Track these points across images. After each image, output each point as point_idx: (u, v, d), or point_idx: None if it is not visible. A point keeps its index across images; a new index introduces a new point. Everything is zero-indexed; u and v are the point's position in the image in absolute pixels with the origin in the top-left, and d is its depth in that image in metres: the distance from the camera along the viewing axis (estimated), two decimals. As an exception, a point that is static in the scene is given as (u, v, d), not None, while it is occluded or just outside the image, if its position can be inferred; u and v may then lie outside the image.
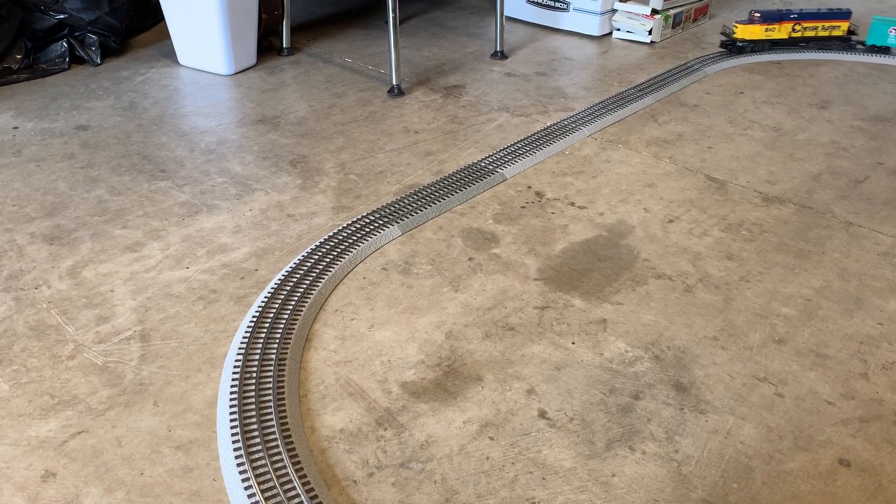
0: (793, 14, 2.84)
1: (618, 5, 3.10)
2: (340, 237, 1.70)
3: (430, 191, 1.91)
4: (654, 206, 1.91)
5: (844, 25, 2.91)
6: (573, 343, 1.45)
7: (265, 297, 1.50)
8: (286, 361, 1.35)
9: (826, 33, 2.91)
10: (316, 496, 1.10)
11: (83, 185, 1.93)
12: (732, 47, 2.86)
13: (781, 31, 2.85)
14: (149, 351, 1.39)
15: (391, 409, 1.29)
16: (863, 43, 2.94)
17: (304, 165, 2.06)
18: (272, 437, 1.19)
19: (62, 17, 2.57)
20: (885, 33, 2.86)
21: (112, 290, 1.55)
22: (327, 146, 2.17)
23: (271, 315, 1.44)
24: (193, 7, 2.53)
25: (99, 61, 2.66)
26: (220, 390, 1.30)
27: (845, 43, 2.95)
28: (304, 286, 1.53)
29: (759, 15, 2.81)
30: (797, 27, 2.86)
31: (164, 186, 1.93)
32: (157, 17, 2.93)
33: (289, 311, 1.46)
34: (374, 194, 1.93)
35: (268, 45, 2.87)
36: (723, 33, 2.93)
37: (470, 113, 2.40)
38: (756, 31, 2.82)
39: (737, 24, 2.85)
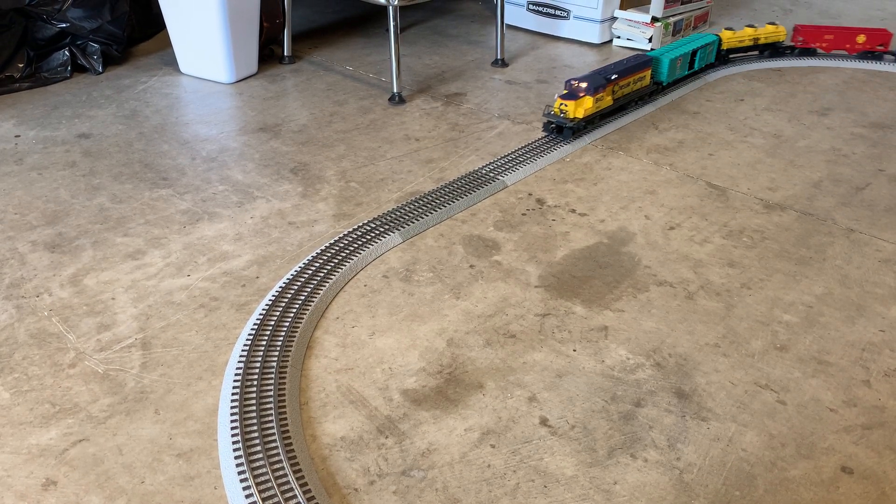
0: (612, 74, 2.30)
1: (618, 13, 3.11)
2: (341, 244, 1.70)
3: (431, 198, 1.91)
4: (655, 214, 1.91)
5: (648, 74, 2.47)
6: (574, 350, 1.44)
7: (266, 305, 1.49)
8: (287, 369, 1.35)
9: (638, 86, 2.44)
10: (317, 504, 1.10)
11: (85, 193, 1.94)
12: (563, 130, 2.24)
13: (607, 97, 2.31)
14: (150, 359, 1.39)
15: (392, 416, 1.28)
16: (661, 83, 2.57)
17: (306, 173, 2.06)
18: (273, 444, 1.19)
19: (64, 26, 2.58)
20: (674, 67, 2.57)
21: (113, 298, 1.55)
22: (328, 154, 2.17)
23: (272, 323, 1.44)
24: (195, 16, 2.54)
25: (101, 70, 2.67)
26: (221, 398, 1.30)
27: (651, 90, 2.53)
28: (306, 294, 1.53)
29: (584, 84, 2.22)
30: (616, 88, 2.33)
31: (165, 194, 1.94)
32: (158, 25, 2.94)
33: (290, 319, 1.46)
34: (375, 202, 1.93)
35: (269, 54, 2.88)
36: (546, 114, 2.24)
37: (471, 120, 2.40)
38: (589, 105, 2.22)
39: (563, 101, 2.21)
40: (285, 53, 2.86)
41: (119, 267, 1.65)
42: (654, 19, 3.06)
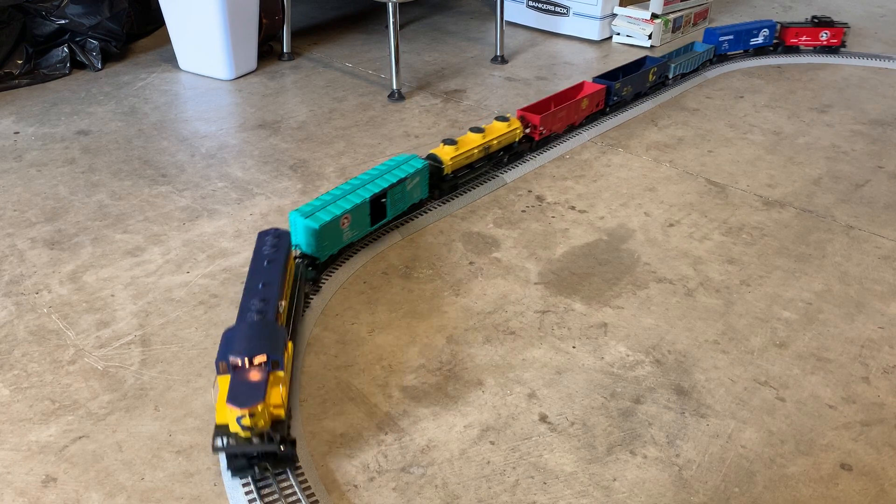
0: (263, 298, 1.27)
1: (618, 10, 3.11)
2: (341, 241, 1.70)
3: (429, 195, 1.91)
4: (655, 210, 1.91)
5: (290, 260, 1.39)
6: (574, 347, 1.44)
7: (266, 302, 1.49)
8: (287, 366, 1.35)
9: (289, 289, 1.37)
10: (316, 501, 1.10)
11: (84, 189, 1.93)
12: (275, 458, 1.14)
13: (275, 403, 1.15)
14: (149, 356, 1.39)
15: (392, 413, 1.28)
16: (316, 260, 1.54)
17: (305, 170, 2.06)
18: (273, 441, 1.19)
19: (63, 22, 2.57)
20: (336, 232, 1.55)
21: (113, 295, 1.55)
22: (328, 150, 2.17)
23: (272, 319, 1.44)
24: (194, 12, 2.53)
25: (100, 66, 2.67)
26: (220, 395, 1.30)
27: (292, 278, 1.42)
28: (305, 290, 1.53)
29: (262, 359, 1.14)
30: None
31: (164, 191, 1.94)
32: (157, 22, 2.94)
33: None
34: (374, 199, 1.93)
35: (268, 50, 2.87)
36: (220, 447, 1.11)
37: (470, 117, 2.40)
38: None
39: (235, 407, 1.06)
40: (284, 50, 2.85)
41: (118, 264, 1.65)
42: (654, 16, 3.05)
